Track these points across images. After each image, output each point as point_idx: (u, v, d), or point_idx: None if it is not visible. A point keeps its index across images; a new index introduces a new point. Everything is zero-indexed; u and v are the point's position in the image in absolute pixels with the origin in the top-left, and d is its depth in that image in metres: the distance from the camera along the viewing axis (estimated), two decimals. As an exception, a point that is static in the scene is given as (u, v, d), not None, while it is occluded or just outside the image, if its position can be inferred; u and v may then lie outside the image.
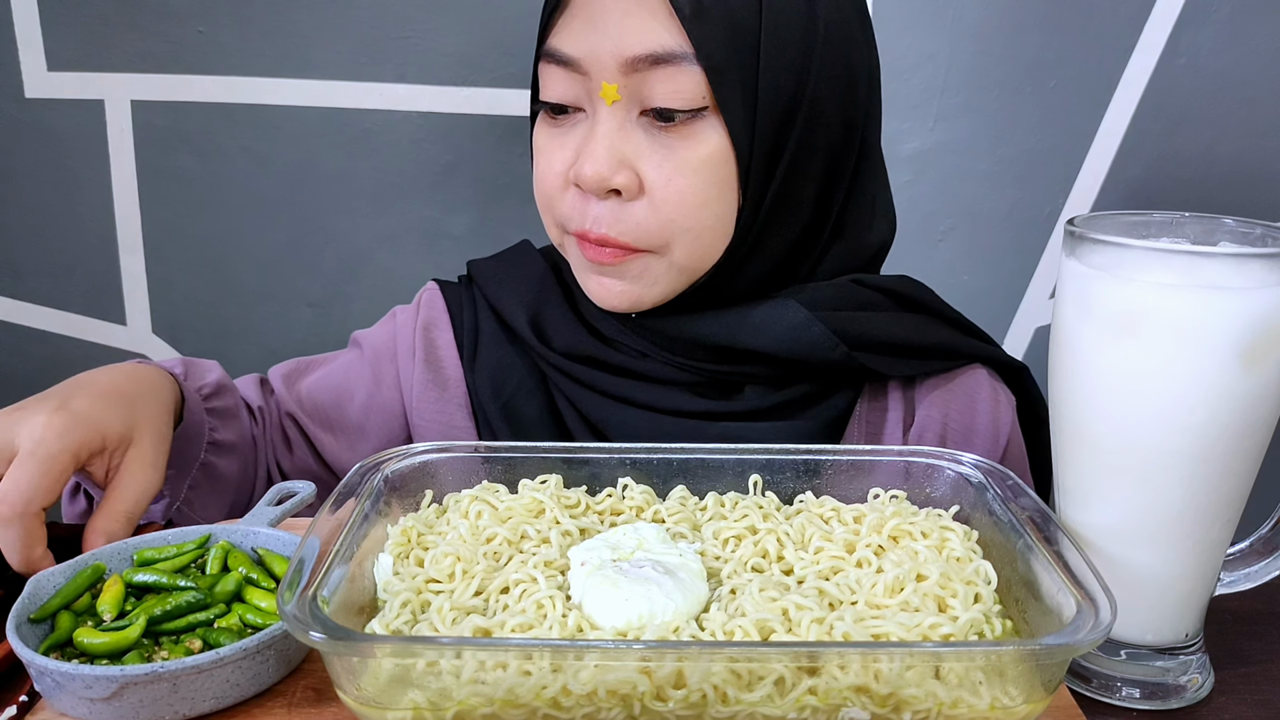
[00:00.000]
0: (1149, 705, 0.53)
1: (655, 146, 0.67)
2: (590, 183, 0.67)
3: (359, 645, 0.42)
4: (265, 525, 0.61)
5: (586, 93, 0.68)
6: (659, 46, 0.65)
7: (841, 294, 0.75)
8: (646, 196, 0.68)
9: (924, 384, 0.77)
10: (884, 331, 0.74)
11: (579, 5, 0.67)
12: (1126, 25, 1.18)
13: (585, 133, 0.69)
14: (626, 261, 0.70)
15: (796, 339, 0.72)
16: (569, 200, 0.70)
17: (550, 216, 0.73)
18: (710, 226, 0.69)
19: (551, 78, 0.69)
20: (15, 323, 1.30)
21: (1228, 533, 0.53)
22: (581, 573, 0.51)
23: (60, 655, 0.51)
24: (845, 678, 0.42)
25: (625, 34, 0.65)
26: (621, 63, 0.65)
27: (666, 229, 0.68)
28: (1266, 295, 0.47)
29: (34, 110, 1.22)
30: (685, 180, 0.67)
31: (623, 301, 0.72)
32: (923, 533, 0.55)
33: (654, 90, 0.66)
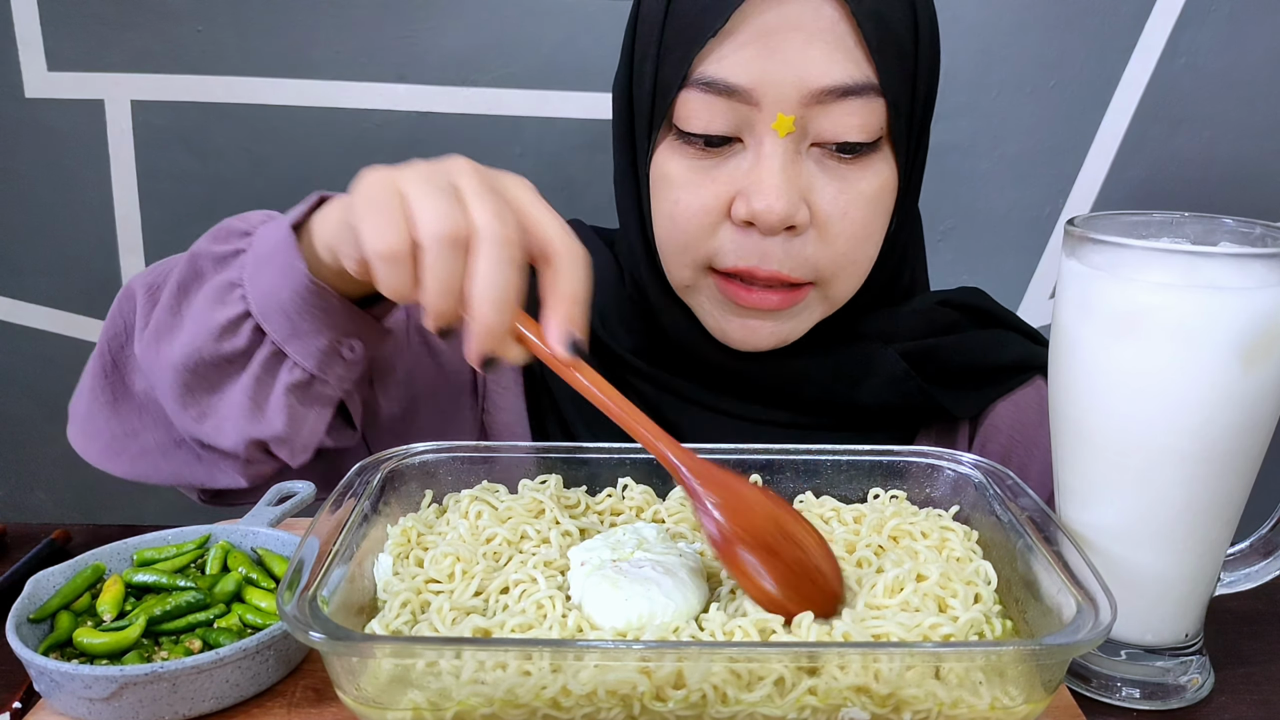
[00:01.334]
0: (1149, 705, 0.53)
1: (829, 179, 0.65)
2: (770, 219, 0.63)
3: (359, 645, 0.42)
4: (265, 525, 0.61)
5: (748, 123, 0.64)
6: (848, 78, 0.62)
7: (927, 319, 0.75)
8: (817, 230, 0.65)
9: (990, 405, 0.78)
10: (967, 356, 0.74)
11: (748, 31, 0.62)
12: (1126, 25, 1.18)
13: (746, 166, 0.64)
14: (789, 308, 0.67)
15: (892, 392, 0.72)
16: (725, 237, 0.66)
17: (688, 255, 0.68)
18: (871, 258, 0.69)
19: (702, 106, 0.64)
20: (15, 322, 1.30)
21: (1228, 533, 0.53)
22: (581, 573, 0.51)
23: (60, 655, 0.51)
24: (845, 678, 0.42)
25: (810, 63, 0.61)
26: (805, 94, 0.62)
27: (836, 262, 0.66)
28: (1266, 295, 0.47)
29: (34, 110, 1.22)
30: (860, 213, 0.65)
31: (770, 342, 0.69)
32: (923, 533, 0.55)
33: (836, 123, 0.63)
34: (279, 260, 0.57)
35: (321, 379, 0.59)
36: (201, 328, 0.58)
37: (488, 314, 0.47)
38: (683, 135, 0.66)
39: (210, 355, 0.58)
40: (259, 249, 0.59)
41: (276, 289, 0.57)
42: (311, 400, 0.60)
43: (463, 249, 0.47)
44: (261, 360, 0.58)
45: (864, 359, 0.72)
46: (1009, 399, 0.77)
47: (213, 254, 0.61)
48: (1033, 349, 0.78)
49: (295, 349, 0.58)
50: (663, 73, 0.66)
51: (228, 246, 0.61)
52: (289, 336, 0.57)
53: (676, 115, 0.65)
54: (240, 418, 0.59)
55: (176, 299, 0.61)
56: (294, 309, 0.57)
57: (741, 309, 0.68)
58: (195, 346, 0.58)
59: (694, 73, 0.63)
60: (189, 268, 0.61)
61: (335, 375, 0.59)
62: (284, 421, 0.59)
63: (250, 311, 0.58)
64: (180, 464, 0.65)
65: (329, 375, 0.59)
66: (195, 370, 0.59)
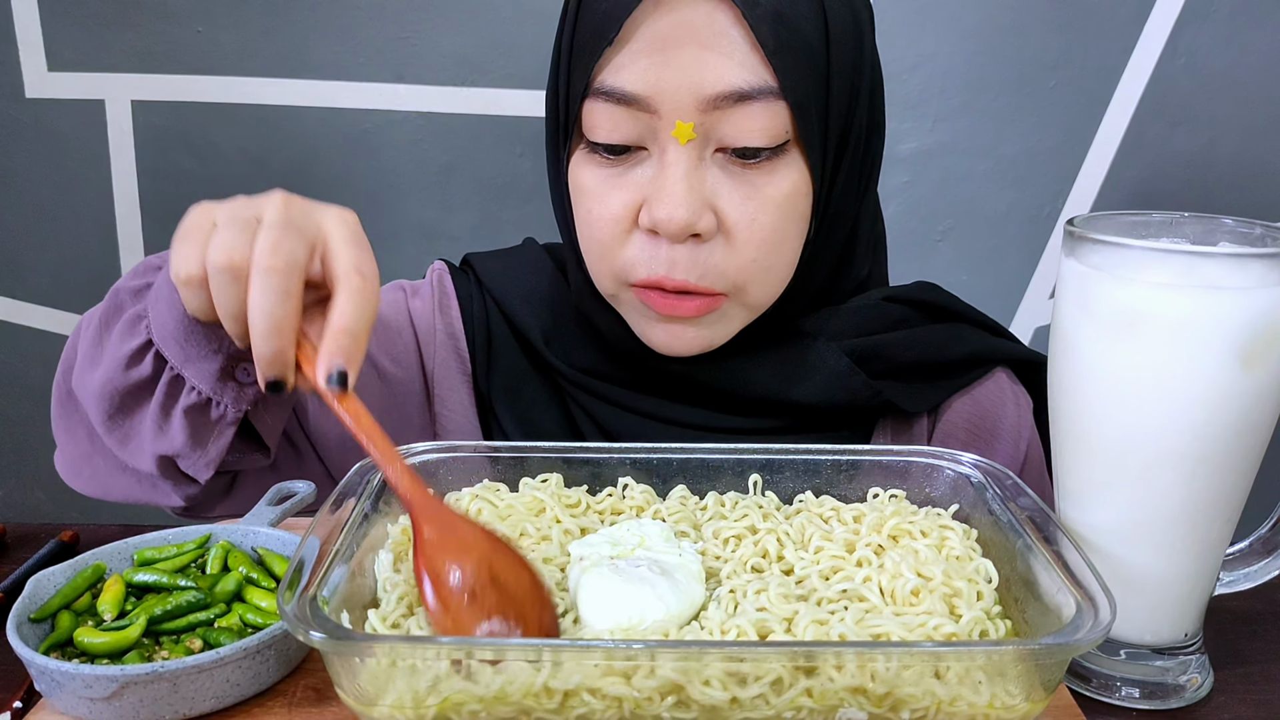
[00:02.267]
0: (1148, 705, 0.53)
1: (735, 185, 0.64)
2: (672, 227, 0.62)
3: (359, 645, 0.42)
4: (265, 525, 0.61)
5: (651, 131, 0.63)
6: (744, 83, 0.61)
7: (874, 315, 0.74)
8: (725, 237, 0.65)
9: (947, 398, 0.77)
10: (917, 351, 0.73)
11: (643, 39, 0.62)
12: (1126, 25, 1.18)
13: (651, 174, 0.64)
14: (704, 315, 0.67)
15: (838, 388, 0.71)
16: (635, 246, 0.66)
17: (606, 266, 0.68)
18: (788, 262, 0.68)
19: (605, 116, 0.64)
20: (15, 322, 1.30)
21: (1227, 532, 0.53)
22: (578, 568, 0.51)
23: (60, 655, 0.51)
24: (842, 678, 0.42)
25: (705, 69, 0.61)
26: (701, 100, 0.61)
27: (747, 269, 0.66)
28: (1266, 295, 0.47)
29: (34, 110, 1.22)
30: (768, 218, 0.65)
31: (694, 347, 0.69)
32: (922, 532, 0.55)
33: (737, 128, 0.62)
34: (164, 292, 0.59)
35: (217, 400, 0.61)
36: (114, 359, 0.62)
37: (257, 341, 0.49)
38: (591, 145, 0.66)
39: (121, 384, 0.61)
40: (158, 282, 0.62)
41: (165, 319, 0.60)
42: (211, 421, 0.62)
43: (238, 278, 0.50)
44: (164, 385, 0.61)
45: (804, 356, 0.72)
46: (967, 394, 0.76)
47: (130, 288, 0.64)
48: (991, 341, 0.77)
49: (191, 373, 0.60)
50: (571, 82, 0.66)
51: (141, 281, 0.64)
52: (183, 362, 0.60)
53: (584, 125, 0.65)
54: (149, 437, 0.62)
55: (99, 333, 0.64)
56: (180, 336, 0.59)
57: (662, 316, 0.68)
58: (109, 376, 0.62)
59: (594, 82, 0.63)
60: (111, 303, 0.64)
61: (230, 397, 0.61)
62: (184, 440, 0.62)
63: (152, 340, 0.61)
64: (127, 485, 0.68)
65: (224, 397, 0.61)
66: (111, 398, 0.62)
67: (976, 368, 0.76)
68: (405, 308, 0.79)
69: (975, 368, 0.76)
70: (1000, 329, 0.80)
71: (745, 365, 0.72)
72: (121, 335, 0.62)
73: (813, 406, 0.72)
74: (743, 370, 0.72)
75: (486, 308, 0.79)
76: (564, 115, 0.67)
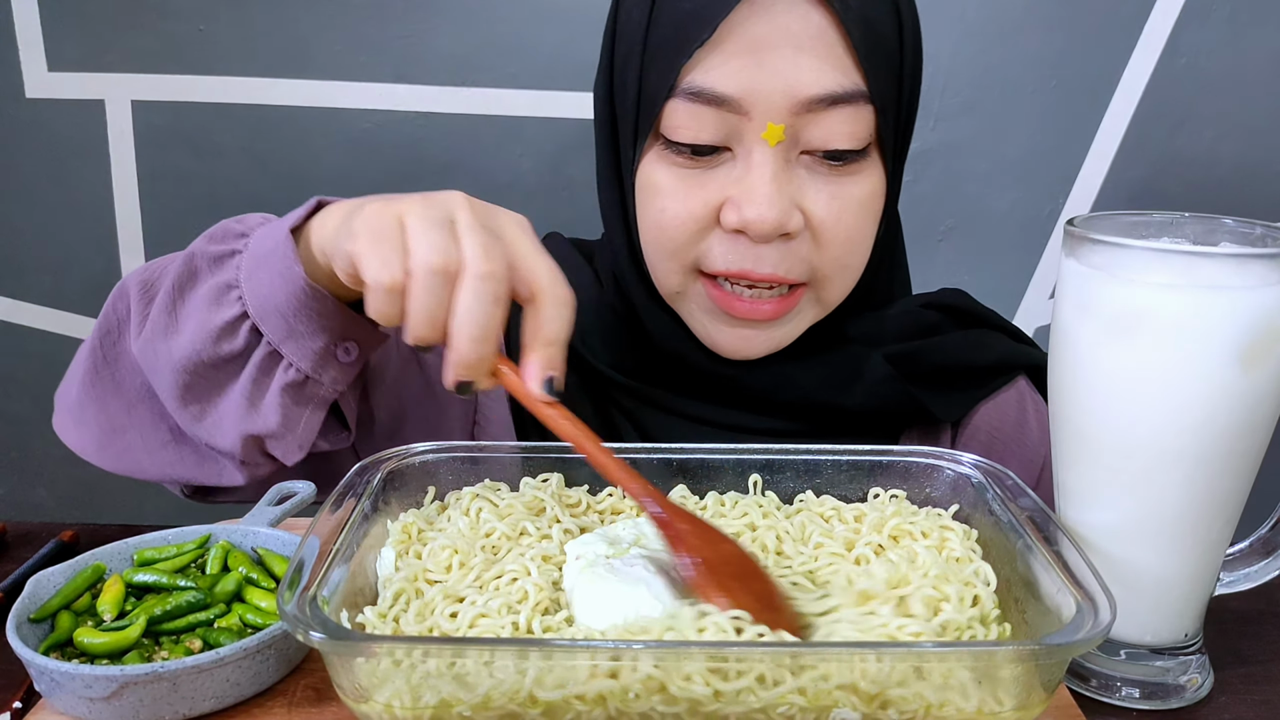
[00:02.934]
0: (1149, 705, 0.53)
1: (821, 185, 0.65)
2: (763, 228, 0.63)
3: (359, 645, 0.42)
4: (265, 525, 0.61)
5: (737, 132, 0.63)
6: (838, 86, 0.62)
7: (912, 321, 0.75)
8: (811, 234, 0.66)
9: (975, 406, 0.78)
10: (950, 357, 0.74)
11: (736, 40, 0.61)
12: (1127, 25, 1.18)
13: (735, 175, 0.64)
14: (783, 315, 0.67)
15: (878, 396, 0.72)
16: (714, 243, 0.66)
17: (675, 261, 0.67)
18: (863, 262, 0.69)
19: (690, 116, 0.63)
20: (15, 322, 1.30)
21: (1227, 533, 0.53)
22: (575, 567, 0.51)
23: (60, 655, 0.51)
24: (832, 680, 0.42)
25: (800, 72, 0.61)
26: (794, 103, 0.61)
27: (829, 265, 0.67)
28: (1266, 295, 0.47)
29: (34, 110, 1.22)
30: (853, 218, 0.66)
31: (763, 350, 0.69)
32: (923, 532, 0.55)
33: (827, 130, 0.63)
34: (275, 263, 0.57)
35: (316, 380, 0.59)
36: (200, 329, 0.59)
37: (464, 347, 0.48)
38: (670, 144, 0.65)
39: (209, 357, 0.58)
40: (256, 251, 0.59)
41: (273, 291, 0.57)
42: (306, 400, 0.60)
43: (449, 281, 0.49)
44: (258, 360, 0.59)
45: (852, 363, 0.72)
46: (991, 401, 0.77)
47: (209, 254, 0.61)
48: (1016, 347, 0.78)
49: (291, 350, 0.58)
50: (647, 82, 0.65)
51: (224, 247, 0.61)
52: (285, 337, 0.58)
53: (663, 125, 0.65)
54: (237, 415, 0.60)
55: (172, 299, 0.61)
56: (290, 311, 0.57)
57: (733, 319, 0.68)
58: (194, 349, 0.59)
59: (681, 83, 0.63)
60: (185, 268, 0.61)
61: (330, 376, 0.59)
62: (278, 420, 0.59)
63: (248, 313, 0.58)
64: (166, 462, 0.65)
65: (324, 376, 0.59)
66: (195, 371, 0.59)
67: (1002, 374, 0.77)
68: None
69: (1001, 374, 0.77)
70: (1023, 335, 0.81)
71: (794, 370, 0.72)
72: (209, 305, 0.59)
73: (855, 412, 0.72)
74: (791, 375, 0.72)
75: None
76: (636, 115, 0.66)
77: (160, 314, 0.61)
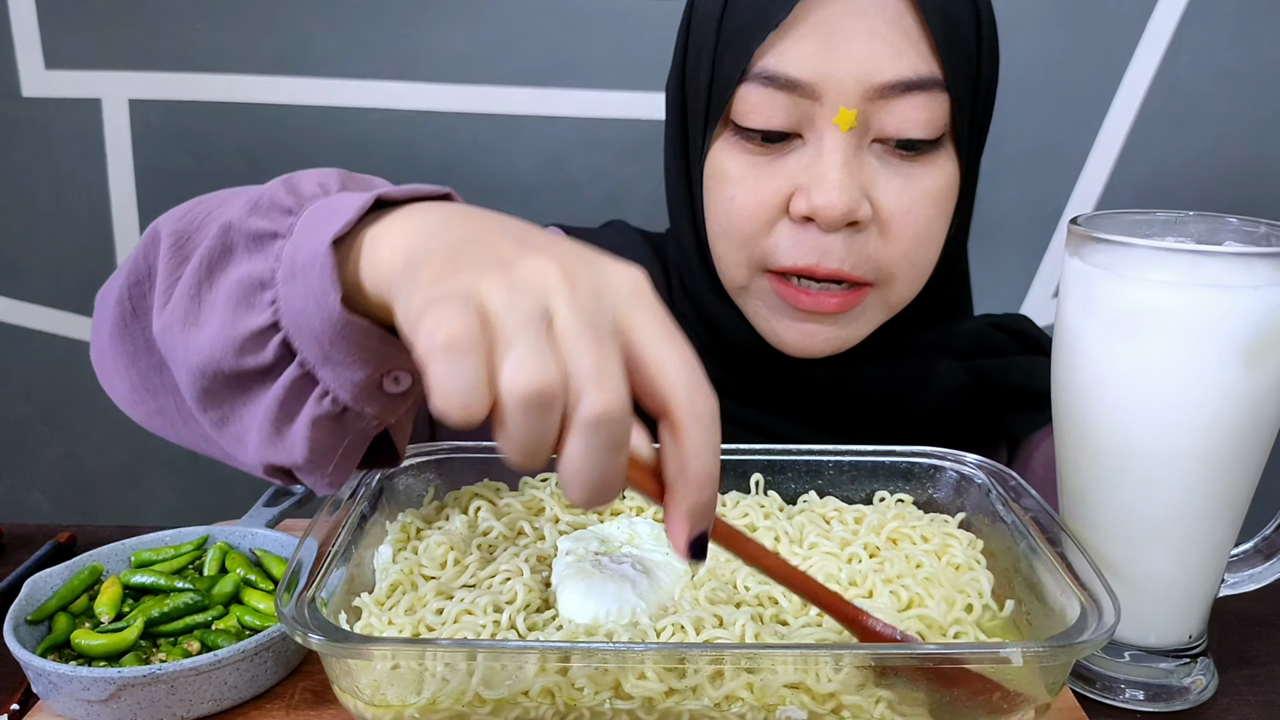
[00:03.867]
0: (1153, 707, 0.53)
1: (892, 175, 0.63)
2: (832, 214, 0.61)
3: (357, 647, 0.42)
4: (262, 526, 0.60)
5: (809, 118, 0.62)
6: (913, 73, 0.61)
7: (982, 339, 0.74)
8: (879, 227, 0.64)
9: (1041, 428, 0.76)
10: (1019, 379, 0.73)
11: (810, 23, 0.60)
12: (1130, 22, 1.18)
13: (805, 162, 0.63)
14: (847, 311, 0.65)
15: (954, 402, 0.70)
16: (781, 234, 0.64)
17: (743, 254, 0.66)
18: (932, 259, 0.67)
19: (762, 100, 0.62)
20: (12, 322, 1.29)
21: (1231, 534, 0.53)
22: (563, 562, 0.51)
23: (58, 657, 0.50)
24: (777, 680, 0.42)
25: (874, 57, 0.60)
26: (868, 88, 0.60)
27: (897, 262, 0.65)
28: (1270, 294, 0.47)
29: (31, 109, 1.22)
30: (923, 211, 0.64)
31: (829, 347, 0.67)
32: (924, 536, 0.55)
33: (900, 118, 0.61)
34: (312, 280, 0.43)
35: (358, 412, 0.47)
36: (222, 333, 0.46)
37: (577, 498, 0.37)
38: (740, 131, 0.64)
39: (230, 367, 0.46)
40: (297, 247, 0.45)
41: (307, 311, 0.44)
42: (344, 433, 0.48)
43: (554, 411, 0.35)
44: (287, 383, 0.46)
45: (926, 366, 0.70)
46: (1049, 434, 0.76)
47: (248, 231, 0.47)
48: None
49: (328, 376, 0.46)
50: (720, 68, 0.64)
51: (267, 225, 0.47)
52: (322, 362, 0.45)
53: (734, 111, 0.64)
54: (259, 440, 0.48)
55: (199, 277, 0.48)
56: (326, 339, 0.44)
57: (798, 312, 0.66)
58: (213, 354, 0.47)
59: (754, 67, 0.62)
60: (219, 242, 0.48)
61: (374, 409, 0.47)
62: (305, 453, 0.47)
63: (279, 323, 0.45)
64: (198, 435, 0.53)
65: (366, 409, 0.47)
66: (214, 378, 0.47)
67: None
68: None
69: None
70: None
71: (868, 372, 0.70)
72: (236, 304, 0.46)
73: (922, 418, 0.70)
74: (865, 377, 0.70)
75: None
76: (708, 101, 0.65)
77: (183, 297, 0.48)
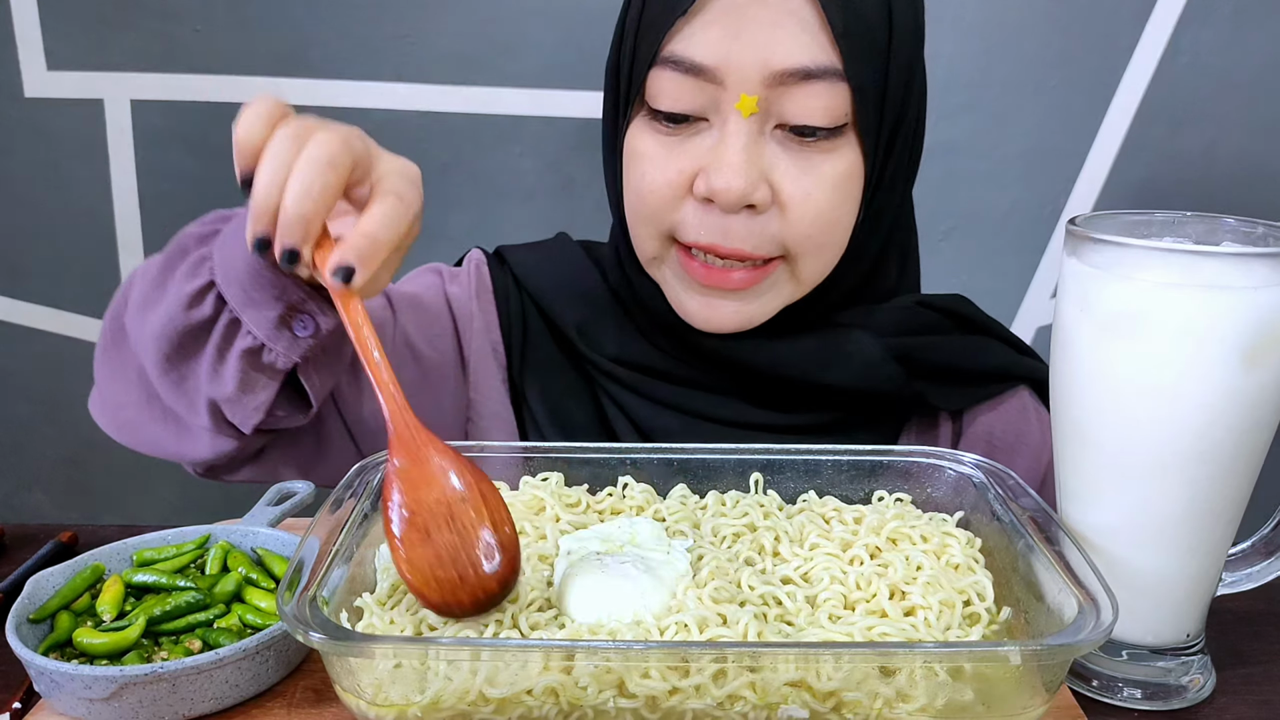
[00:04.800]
0: (1150, 706, 0.53)
1: (792, 160, 0.65)
2: (730, 196, 0.64)
3: (358, 645, 0.42)
4: (264, 525, 0.61)
5: (714, 102, 0.64)
6: (811, 61, 0.62)
7: (907, 317, 0.74)
8: (780, 210, 0.66)
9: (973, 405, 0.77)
10: (947, 357, 0.74)
11: (716, 10, 0.63)
12: (1128, 24, 1.18)
13: (710, 144, 0.65)
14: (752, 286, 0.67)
15: (871, 375, 0.72)
16: (687, 212, 0.67)
17: (654, 228, 0.69)
18: (839, 243, 0.69)
19: (672, 84, 0.65)
20: (14, 322, 1.29)
21: (1229, 533, 0.53)
22: (564, 561, 0.51)
23: (60, 655, 0.50)
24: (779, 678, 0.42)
25: (775, 45, 0.62)
26: (768, 75, 0.62)
27: (801, 243, 0.67)
28: (1268, 295, 0.47)
29: (33, 110, 1.22)
30: (823, 195, 0.66)
31: (732, 323, 0.69)
32: (923, 536, 0.55)
33: (799, 105, 0.63)
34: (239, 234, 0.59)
35: (270, 348, 0.61)
36: (175, 298, 0.62)
37: (289, 202, 0.50)
38: (653, 113, 0.67)
39: (182, 324, 0.61)
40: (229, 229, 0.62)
41: (234, 260, 0.60)
42: (261, 367, 0.62)
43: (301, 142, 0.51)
44: (222, 327, 0.61)
45: (842, 341, 0.72)
46: (993, 408, 0.77)
47: (195, 234, 0.64)
48: (1017, 358, 0.78)
49: (249, 317, 0.60)
50: (639, 51, 0.67)
51: (209, 228, 0.64)
52: (244, 305, 0.60)
53: (648, 93, 0.67)
54: (204, 381, 0.62)
55: (161, 274, 0.64)
56: (247, 280, 0.59)
57: (703, 287, 0.68)
58: (170, 316, 0.62)
59: (663, 51, 0.65)
60: (175, 247, 0.64)
61: (284, 345, 0.61)
62: (235, 384, 0.61)
63: (215, 281, 0.61)
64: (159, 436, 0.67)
65: (278, 345, 0.60)
66: (171, 338, 0.62)
67: (1001, 382, 0.77)
68: (442, 292, 0.80)
69: (1000, 381, 0.77)
70: (1026, 348, 0.80)
71: (782, 346, 0.72)
72: (185, 276, 0.62)
73: (843, 391, 0.72)
74: (779, 351, 0.72)
75: (522, 300, 0.79)
76: (626, 84, 0.68)
77: (148, 288, 0.64)
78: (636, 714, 0.43)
